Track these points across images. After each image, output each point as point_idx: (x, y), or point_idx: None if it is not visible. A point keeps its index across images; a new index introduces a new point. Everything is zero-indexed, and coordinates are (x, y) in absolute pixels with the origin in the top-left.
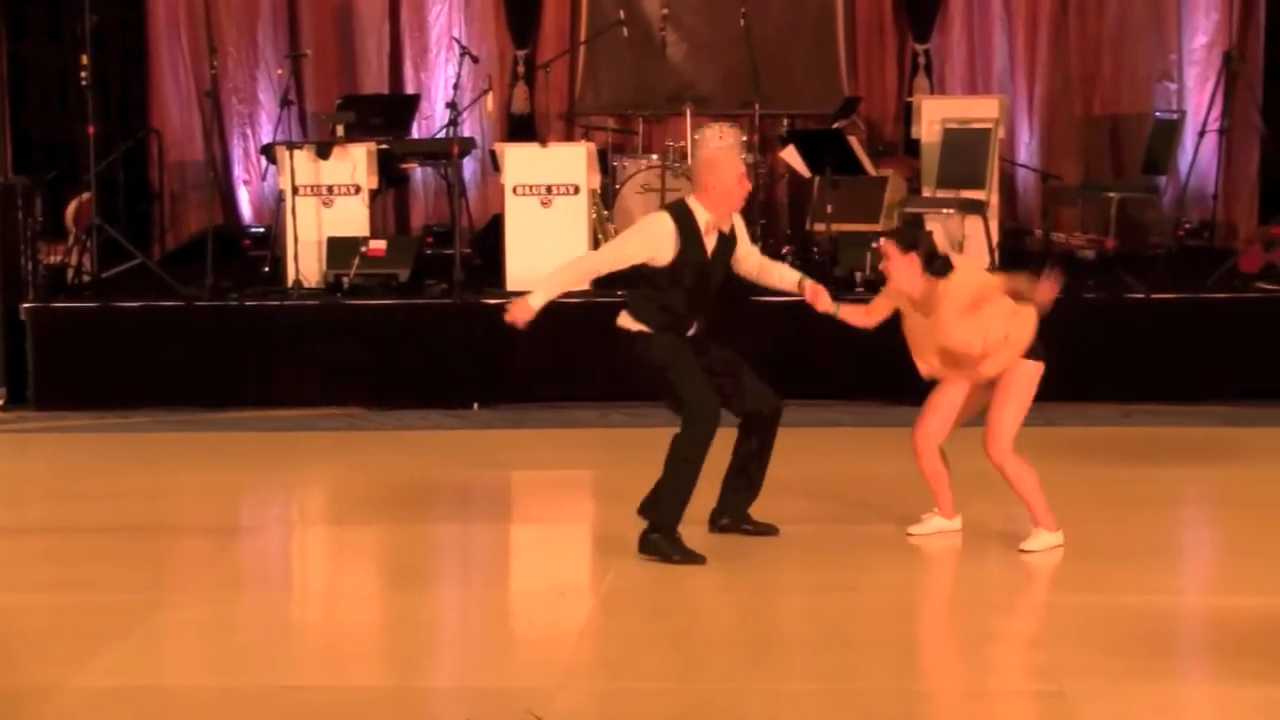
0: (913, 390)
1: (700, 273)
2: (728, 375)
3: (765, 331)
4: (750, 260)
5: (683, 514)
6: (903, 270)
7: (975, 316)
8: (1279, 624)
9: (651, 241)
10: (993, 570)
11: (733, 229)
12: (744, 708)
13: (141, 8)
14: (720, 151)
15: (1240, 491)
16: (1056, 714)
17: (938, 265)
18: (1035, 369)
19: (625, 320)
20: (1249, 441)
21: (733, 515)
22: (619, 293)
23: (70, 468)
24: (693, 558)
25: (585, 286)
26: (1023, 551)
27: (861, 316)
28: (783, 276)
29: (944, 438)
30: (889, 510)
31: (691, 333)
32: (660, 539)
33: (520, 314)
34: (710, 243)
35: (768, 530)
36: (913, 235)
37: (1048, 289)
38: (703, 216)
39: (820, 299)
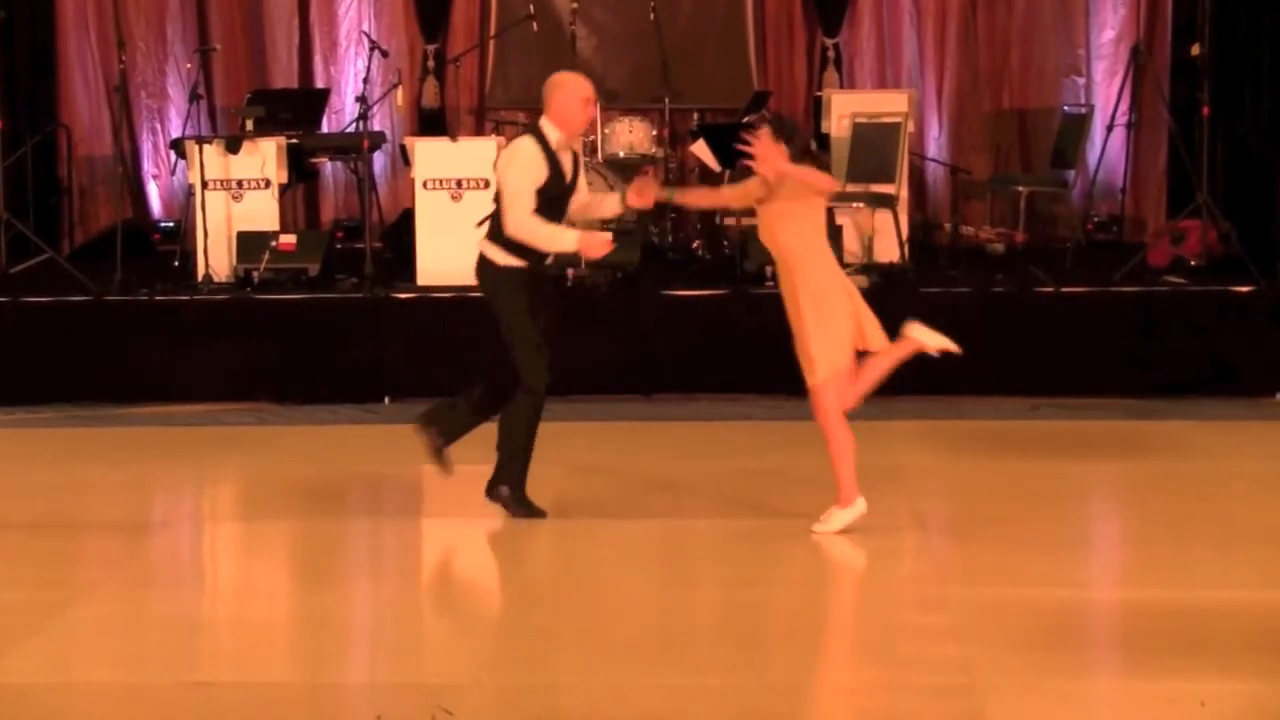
0: None
1: (558, 194)
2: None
3: (678, 327)
4: (583, 192)
5: (526, 471)
6: (769, 153)
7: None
8: (1187, 617)
9: (534, 166)
10: (902, 564)
11: (576, 157)
12: (654, 702)
13: (50, 2)
14: (568, 74)
15: (1147, 485)
16: (967, 707)
17: (803, 158)
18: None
19: (489, 249)
20: (1156, 435)
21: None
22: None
23: None
24: (528, 510)
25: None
26: (814, 532)
27: (705, 197)
28: (608, 203)
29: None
30: (798, 504)
31: (548, 260)
32: (509, 495)
33: (597, 244)
34: (565, 163)
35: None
36: (790, 128)
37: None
38: (554, 136)
39: (646, 192)
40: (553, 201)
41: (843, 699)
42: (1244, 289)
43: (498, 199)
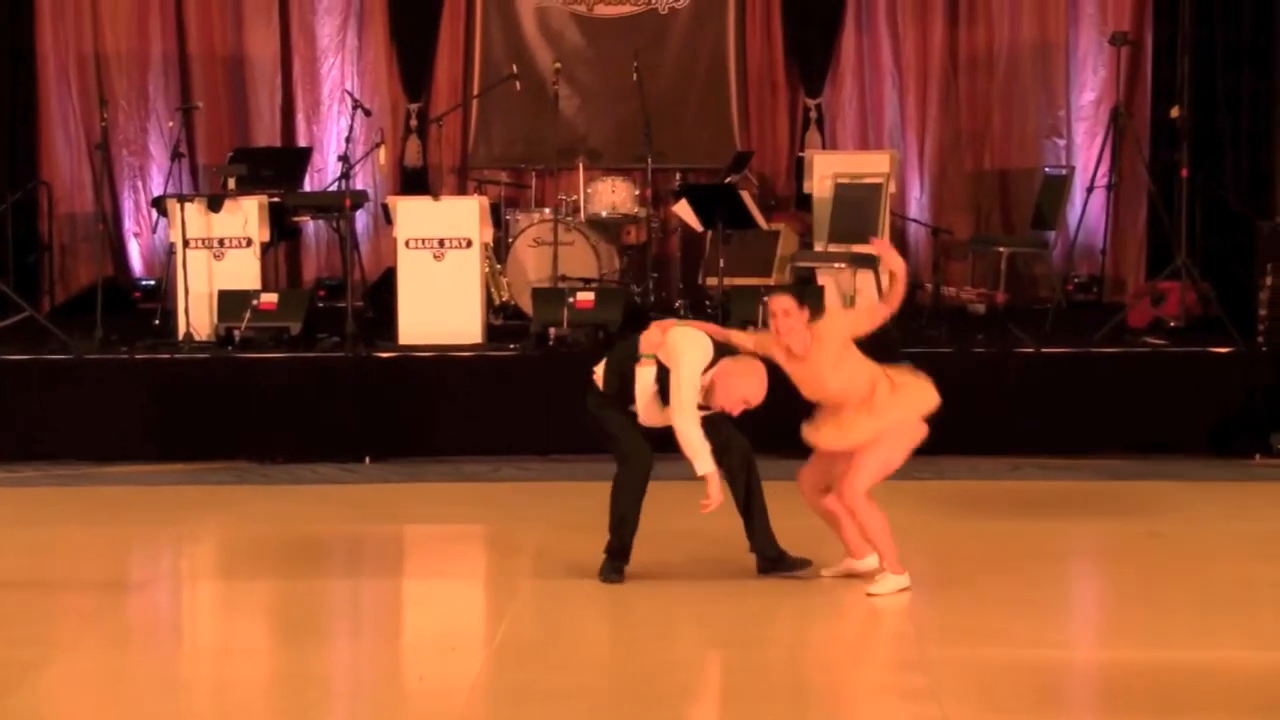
0: (795, 441)
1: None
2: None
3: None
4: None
5: (629, 542)
6: (792, 329)
7: (845, 361)
8: (1166, 677)
9: (702, 356)
10: (882, 623)
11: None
12: None
13: (31, 59)
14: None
15: (1127, 545)
16: None
17: (813, 307)
18: (918, 429)
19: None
20: (1136, 495)
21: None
22: (511, 347)
23: None
24: (610, 577)
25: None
26: (870, 595)
27: (719, 333)
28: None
29: (826, 480)
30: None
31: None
32: (605, 562)
33: (718, 494)
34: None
35: (798, 565)
36: (802, 290)
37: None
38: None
39: None
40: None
41: None
42: (1223, 350)
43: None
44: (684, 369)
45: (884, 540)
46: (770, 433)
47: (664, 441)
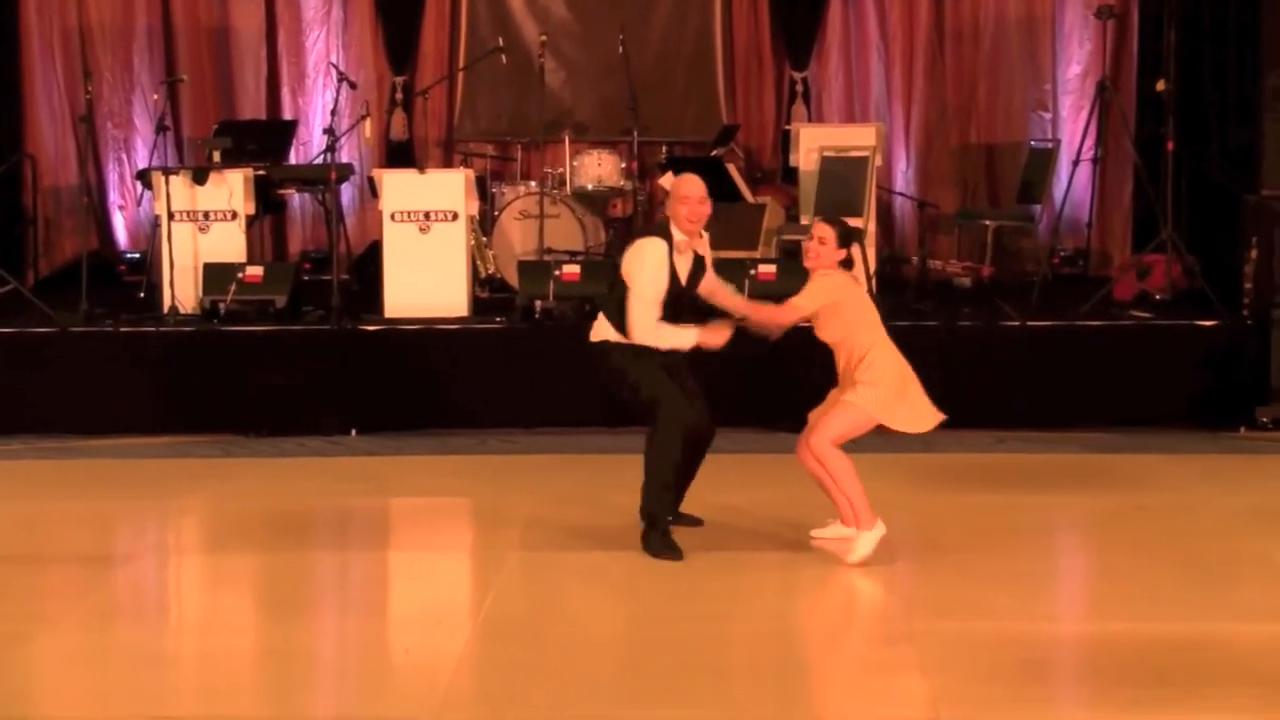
0: (789, 416)
1: (676, 294)
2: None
3: None
4: (709, 281)
5: (668, 504)
6: (828, 259)
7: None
8: (1152, 650)
9: (658, 266)
10: (869, 597)
11: (703, 259)
12: None
13: (15, 32)
14: (682, 177)
15: (1113, 518)
16: None
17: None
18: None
19: (600, 332)
20: (1121, 469)
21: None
22: (497, 320)
23: None
24: (669, 553)
25: None
26: (852, 563)
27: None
28: (728, 300)
29: None
30: (765, 538)
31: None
32: (650, 532)
33: (720, 336)
34: (684, 266)
35: (693, 521)
36: (850, 237)
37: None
38: (677, 238)
39: (720, 333)
40: (670, 303)
41: None
42: (1208, 323)
43: (613, 287)
44: (645, 271)
45: (853, 488)
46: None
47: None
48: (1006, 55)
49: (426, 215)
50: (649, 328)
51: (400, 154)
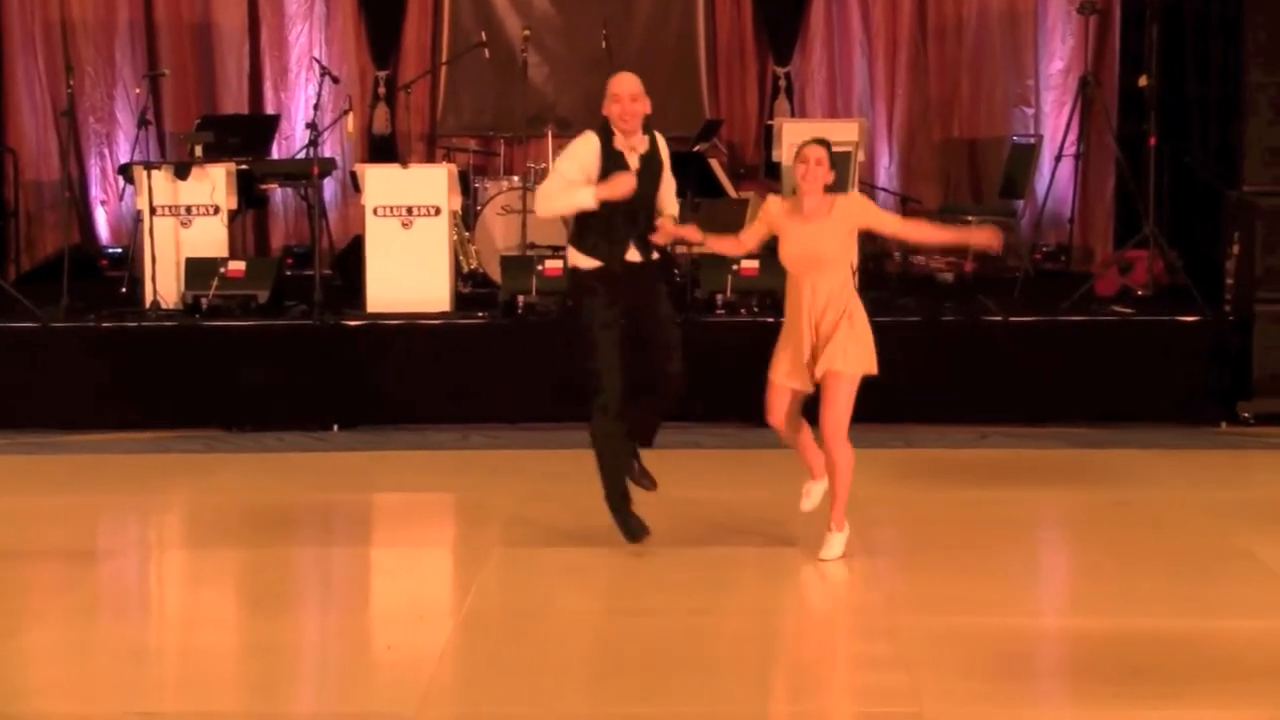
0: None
1: (629, 197)
2: (650, 338)
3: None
4: (664, 198)
5: (621, 485)
6: (821, 179)
7: (845, 243)
8: (1133, 646)
9: (576, 154)
10: (851, 592)
11: (657, 155)
12: None
13: None
14: (615, 75)
15: (1095, 514)
16: None
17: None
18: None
19: (572, 255)
20: (1103, 464)
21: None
22: (479, 314)
23: None
24: (631, 532)
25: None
26: (825, 560)
27: (733, 245)
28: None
29: (796, 410)
30: (748, 533)
31: (630, 256)
32: (614, 514)
33: (623, 183)
34: (632, 161)
35: (644, 482)
36: (834, 160)
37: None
38: (616, 138)
39: (663, 232)
40: (628, 214)
41: None
42: (1190, 319)
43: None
44: (565, 155)
45: (848, 486)
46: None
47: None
48: (989, 50)
49: (409, 210)
50: (548, 193)
51: (383, 149)
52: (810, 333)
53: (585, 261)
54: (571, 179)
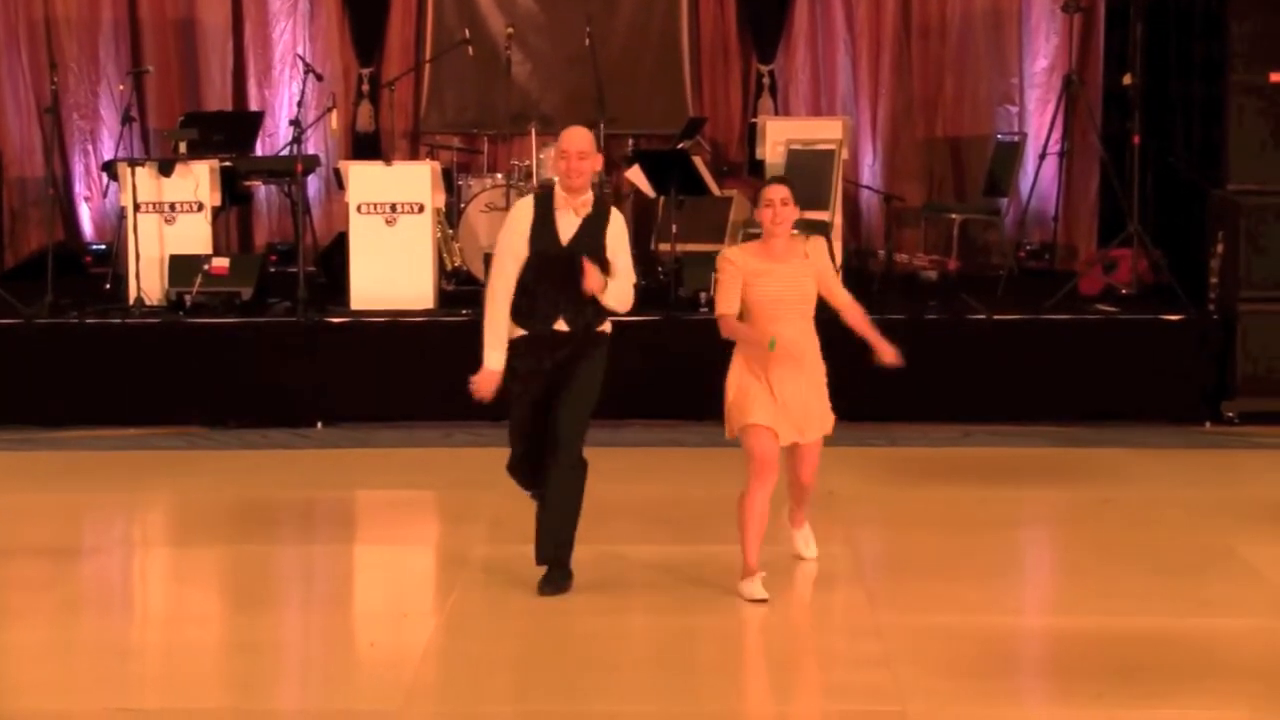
0: None
1: (551, 254)
2: (558, 399)
3: (612, 352)
4: (613, 259)
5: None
6: (789, 218)
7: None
8: (1118, 644)
9: (510, 227)
10: (835, 591)
11: (602, 221)
12: None
13: None
14: (565, 130)
15: (1078, 512)
16: None
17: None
18: None
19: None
20: (1086, 463)
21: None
22: (463, 312)
23: None
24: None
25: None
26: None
27: (728, 323)
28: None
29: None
30: (730, 532)
31: (558, 326)
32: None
33: (487, 385)
34: (568, 226)
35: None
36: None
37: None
38: (559, 196)
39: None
40: (550, 256)
41: None
42: (1174, 317)
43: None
44: (503, 230)
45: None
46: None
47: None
48: (973, 49)
49: (393, 207)
50: (489, 292)
51: (366, 146)
52: (779, 384)
53: (514, 329)
54: (518, 254)
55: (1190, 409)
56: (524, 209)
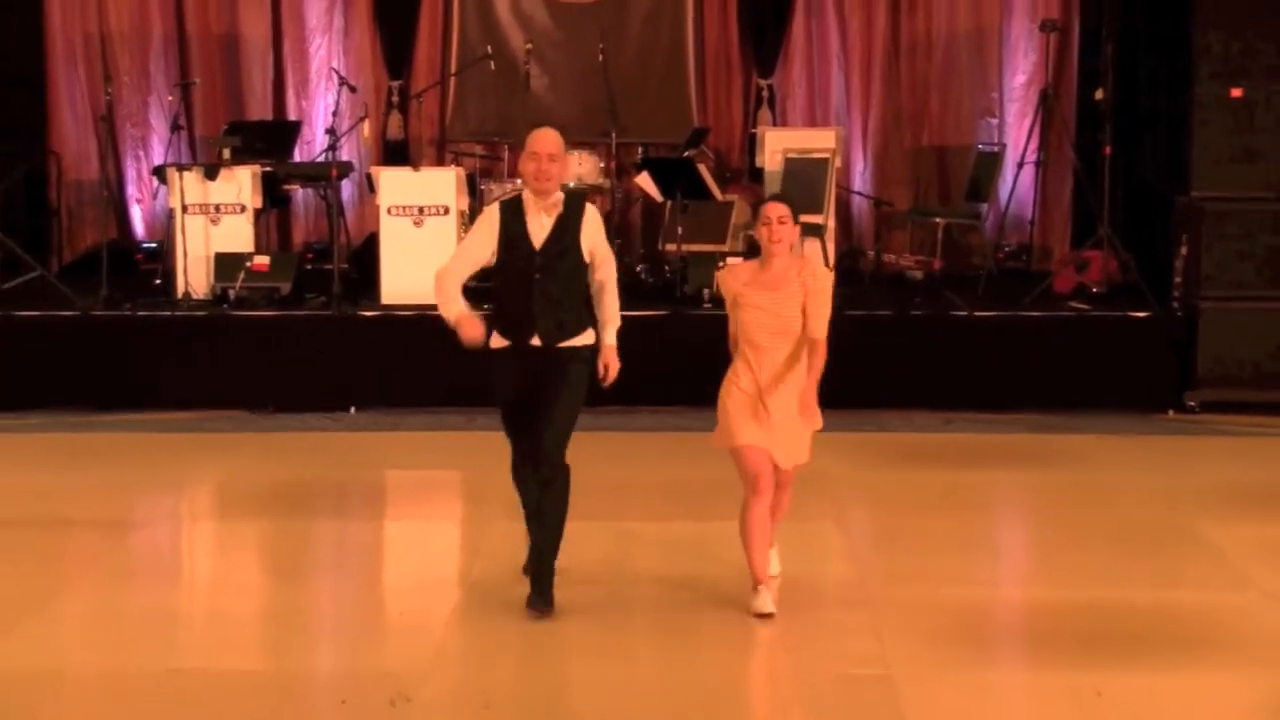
0: None
1: (523, 259)
2: (539, 411)
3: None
4: (595, 277)
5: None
6: (789, 236)
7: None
8: (1087, 615)
9: (477, 231)
10: (826, 565)
11: (575, 223)
12: (592, 689)
13: (40, 38)
14: (535, 131)
15: (1051, 494)
16: (883, 696)
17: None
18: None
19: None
20: (1059, 448)
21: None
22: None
23: None
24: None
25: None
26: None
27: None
28: (603, 323)
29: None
30: (730, 509)
31: (534, 341)
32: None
33: (469, 328)
34: (539, 228)
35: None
36: (796, 214)
37: None
38: (528, 199)
39: (609, 375)
40: (522, 258)
41: (767, 688)
42: (1141, 314)
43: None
44: (471, 230)
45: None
46: None
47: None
48: (956, 65)
49: (420, 210)
50: (441, 274)
51: (396, 153)
52: (770, 401)
53: (494, 340)
54: (476, 256)
55: (1155, 398)
56: (491, 215)
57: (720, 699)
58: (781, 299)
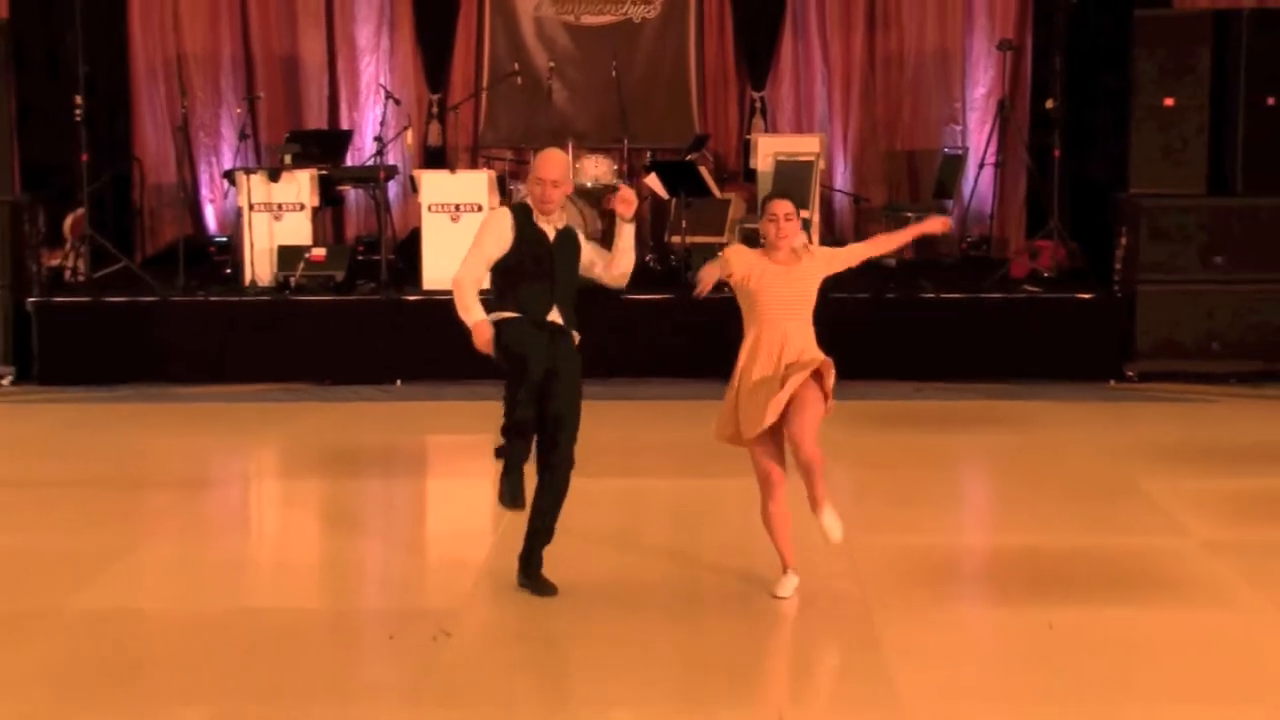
0: None
1: (540, 246)
2: (553, 403)
3: (633, 323)
4: (597, 262)
5: (510, 460)
6: (794, 232)
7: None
8: (1041, 558)
9: (490, 229)
10: (811, 518)
11: (574, 234)
12: (609, 628)
13: (125, 59)
14: (542, 154)
15: (1008, 453)
16: (863, 632)
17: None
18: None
19: (493, 318)
20: (1015, 413)
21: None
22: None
23: (64, 432)
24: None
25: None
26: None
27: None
28: (615, 245)
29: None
30: (732, 467)
31: (553, 317)
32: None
33: (483, 333)
34: (549, 227)
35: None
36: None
37: None
38: (537, 212)
39: (627, 200)
40: (538, 259)
41: (756, 625)
42: (1086, 296)
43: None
44: (479, 231)
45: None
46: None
47: (617, 366)
48: (925, 79)
49: (457, 207)
50: (459, 281)
51: (435, 157)
52: (778, 383)
53: (505, 314)
54: (490, 256)
55: (1099, 369)
56: (503, 217)
57: (709, 633)
58: (794, 273)
